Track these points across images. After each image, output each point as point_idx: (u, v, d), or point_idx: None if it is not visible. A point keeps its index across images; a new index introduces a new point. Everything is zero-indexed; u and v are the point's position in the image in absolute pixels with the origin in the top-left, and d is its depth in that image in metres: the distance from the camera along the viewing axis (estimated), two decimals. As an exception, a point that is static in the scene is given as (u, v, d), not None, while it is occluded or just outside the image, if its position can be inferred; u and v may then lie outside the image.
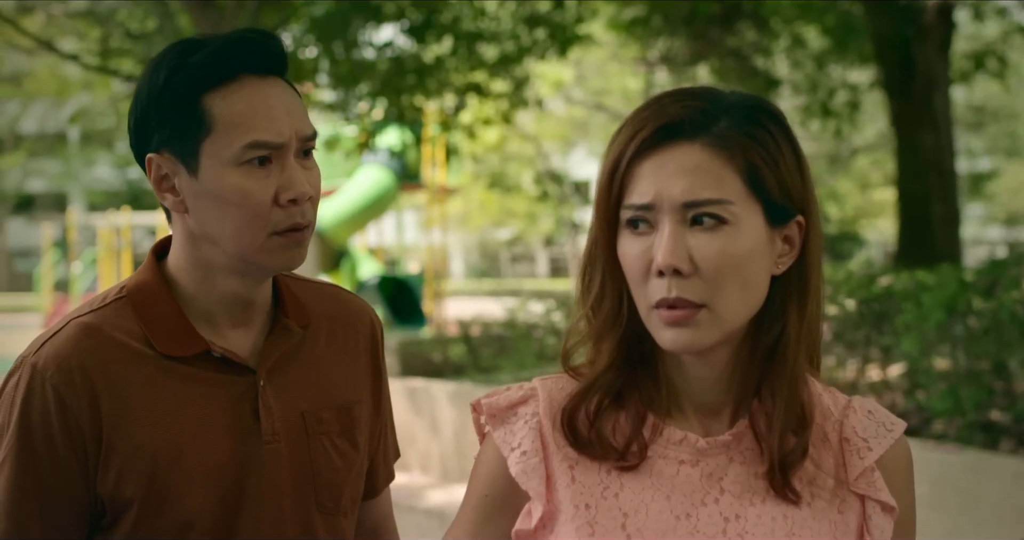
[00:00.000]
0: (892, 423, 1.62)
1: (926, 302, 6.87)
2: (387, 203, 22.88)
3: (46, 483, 1.85)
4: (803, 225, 1.56)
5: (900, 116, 13.58)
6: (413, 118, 15.31)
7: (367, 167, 22.13)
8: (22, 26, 14.54)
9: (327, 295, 2.13)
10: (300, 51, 14.87)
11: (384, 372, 2.18)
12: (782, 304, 1.55)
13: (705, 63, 17.69)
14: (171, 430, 1.88)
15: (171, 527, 1.87)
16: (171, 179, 1.90)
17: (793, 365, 1.55)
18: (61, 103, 33.70)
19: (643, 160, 1.50)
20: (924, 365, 7.16)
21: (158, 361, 1.90)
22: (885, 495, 1.56)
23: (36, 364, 1.86)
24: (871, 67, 15.81)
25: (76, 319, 1.92)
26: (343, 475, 2.02)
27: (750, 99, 1.56)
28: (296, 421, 1.97)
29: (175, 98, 1.85)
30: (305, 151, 1.91)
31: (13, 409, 1.86)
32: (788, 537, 1.51)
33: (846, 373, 8.17)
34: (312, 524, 1.98)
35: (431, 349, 12.16)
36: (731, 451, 1.56)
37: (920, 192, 13.20)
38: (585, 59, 28.45)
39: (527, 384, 1.64)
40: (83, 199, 49.45)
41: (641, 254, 1.50)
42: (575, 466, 1.56)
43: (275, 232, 1.87)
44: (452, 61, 14.51)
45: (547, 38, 14.56)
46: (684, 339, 1.49)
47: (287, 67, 1.93)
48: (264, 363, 1.96)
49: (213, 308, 1.95)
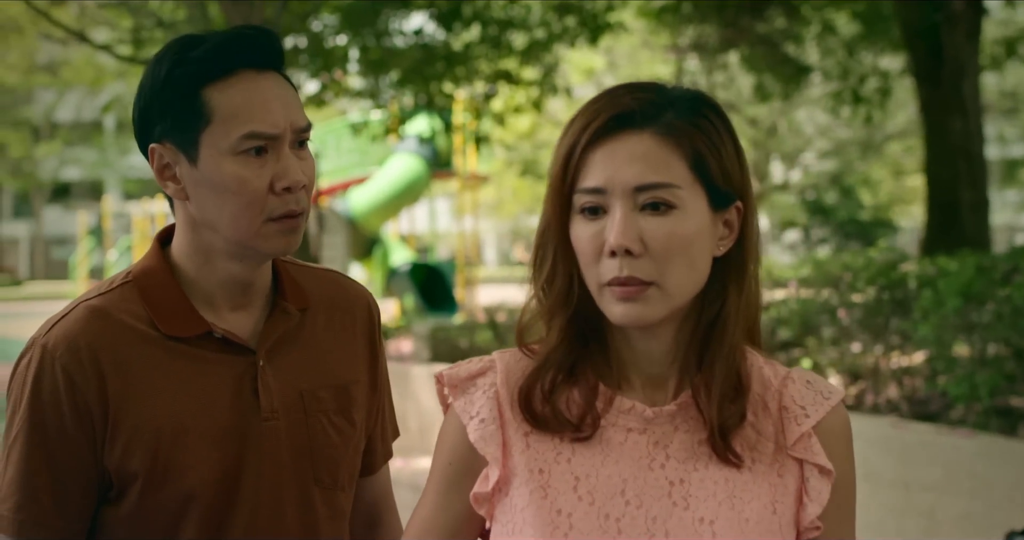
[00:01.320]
0: (830, 392, 1.71)
1: (942, 288, 6.90)
2: (419, 191, 22.95)
3: (56, 457, 1.95)
4: (741, 210, 1.66)
5: (929, 103, 13.54)
6: (443, 105, 15.39)
7: (399, 155, 22.21)
8: (55, 17, 14.69)
9: (327, 280, 2.22)
10: (330, 39, 14.96)
11: (381, 354, 2.27)
12: (722, 284, 1.65)
13: (735, 50, 17.63)
14: (174, 407, 1.97)
15: (174, 499, 1.97)
16: (172, 168, 2.00)
17: (731, 339, 1.65)
18: (96, 92, 33.97)
19: (596, 148, 1.60)
20: (943, 351, 7.20)
21: (162, 342, 2.00)
22: (822, 459, 1.65)
23: (46, 345, 1.97)
24: (902, 53, 15.74)
25: (84, 302, 2.03)
26: (340, 451, 2.11)
27: (693, 92, 1.66)
28: (295, 400, 2.06)
29: (176, 91, 1.95)
30: (300, 142, 2.00)
31: (25, 387, 1.96)
32: (730, 498, 1.61)
33: (869, 359, 8.20)
34: (311, 498, 2.07)
35: (458, 335, 12.25)
36: (676, 420, 1.66)
37: (948, 179, 13.16)
38: (616, 46, 28.44)
39: (487, 357, 1.75)
40: (118, 187, 49.79)
41: (593, 236, 1.60)
42: (530, 434, 1.67)
43: (270, 218, 1.96)
44: (481, 48, 14.57)
45: (577, 26, 14.58)
46: (633, 313, 1.59)
47: (284, 62, 2.03)
48: (263, 344, 2.05)
49: (214, 291, 2.04)
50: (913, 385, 7.99)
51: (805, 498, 1.64)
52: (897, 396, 7.94)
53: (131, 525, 1.99)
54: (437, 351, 11.89)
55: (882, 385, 8.11)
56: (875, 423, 7.09)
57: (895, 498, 6.62)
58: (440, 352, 11.84)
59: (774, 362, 1.74)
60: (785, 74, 16.85)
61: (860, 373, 8.28)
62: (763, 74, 17.12)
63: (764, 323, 8.33)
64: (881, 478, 6.72)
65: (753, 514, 1.61)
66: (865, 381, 8.19)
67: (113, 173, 48.96)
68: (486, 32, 14.38)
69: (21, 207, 58.54)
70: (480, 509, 1.67)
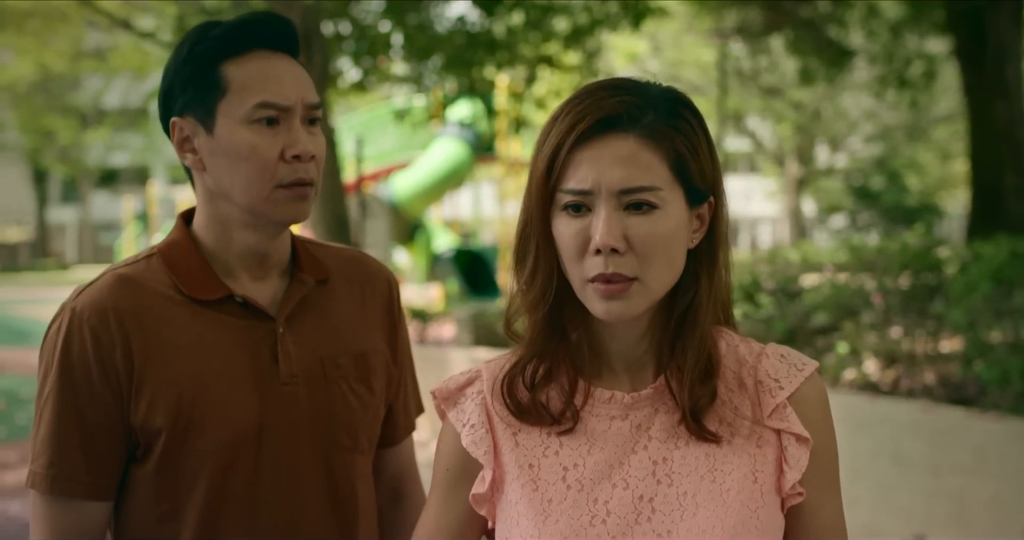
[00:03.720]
0: (803, 363, 1.78)
1: (974, 273, 6.91)
2: (462, 176, 23.01)
3: (85, 415, 2.07)
4: (712, 204, 1.74)
5: (972, 87, 13.48)
6: (485, 90, 15.44)
7: (442, 140, 22.28)
8: (99, 6, 14.84)
9: (346, 257, 2.35)
10: (373, 25, 15.04)
11: (402, 327, 2.38)
12: (695, 273, 1.73)
13: (779, 34, 17.59)
14: (196, 366, 2.09)
15: (195, 457, 2.08)
16: (192, 140, 2.13)
17: (703, 325, 1.73)
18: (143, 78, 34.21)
19: (581, 149, 1.67)
20: (977, 336, 7.21)
21: (186, 305, 2.12)
22: (798, 427, 1.73)
23: (75, 309, 2.09)
24: (947, 37, 15.64)
25: (112, 271, 2.16)
26: (359, 415, 2.23)
27: (670, 92, 1.73)
28: (315, 365, 2.18)
29: (197, 66, 2.10)
30: (311, 120, 2.14)
31: (55, 349, 2.08)
32: (711, 472, 1.69)
33: (905, 344, 8.20)
34: (331, 460, 2.19)
35: (499, 320, 12.30)
36: (655, 403, 1.74)
37: (992, 163, 13.10)
38: (659, 31, 28.40)
39: (474, 368, 1.84)
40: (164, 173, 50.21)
41: (577, 233, 1.67)
42: (518, 433, 1.76)
43: (280, 185, 2.09)
44: (523, 34, 14.60)
45: (619, 10, 14.57)
46: (617, 309, 1.67)
47: (298, 48, 2.17)
48: (282, 311, 2.17)
49: (233, 261, 2.17)
50: (948, 370, 8.00)
51: (784, 466, 1.71)
52: (933, 381, 7.95)
53: (156, 483, 2.09)
54: (478, 335, 11.97)
55: (918, 370, 8.12)
56: (905, 407, 7.11)
57: (925, 481, 6.64)
58: (481, 337, 11.91)
59: (750, 340, 1.81)
60: (829, 57, 16.78)
61: (896, 358, 8.29)
62: (807, 57, 17.06)
63: (798, 308, 8.35)
64: (911, 462, 6.75)
65: (734, 484, 1.68)
66: (901, 366, 8.20)
67: (159, 159, 49.34)
68: (528, 17, 14.41)
69: (69, 193, 59.13)
70: (480, 509, 1.77)
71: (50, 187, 57.98)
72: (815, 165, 38.32)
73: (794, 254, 11.29)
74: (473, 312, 12.52)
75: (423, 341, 12.79)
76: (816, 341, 8.81)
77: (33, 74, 39.13)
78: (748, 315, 9.01)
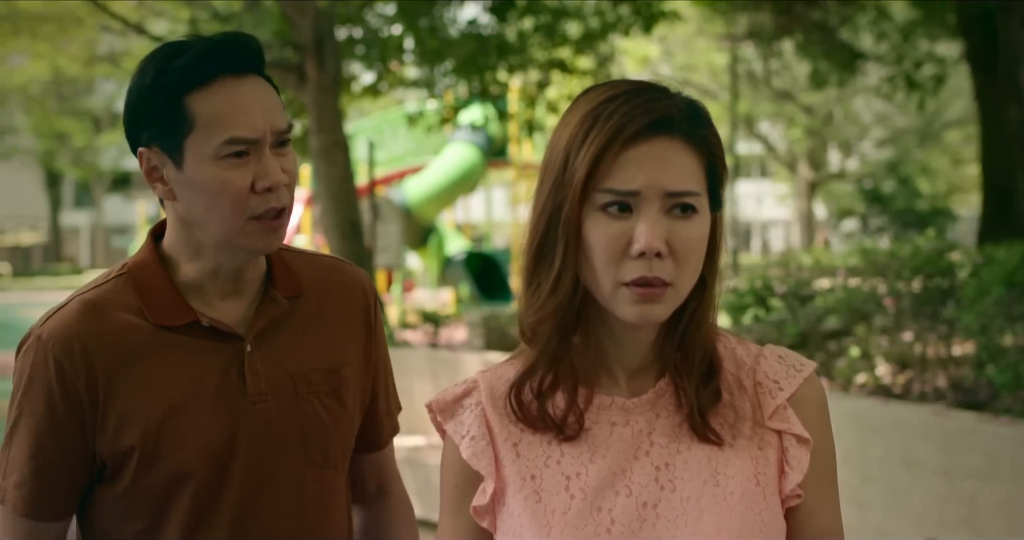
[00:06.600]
0: (801, 364, 1.78)
1: (986, 277, 6.91)
2: (474, 180, 23.03)
3: (48, 440, 2.09)
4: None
5: (984, 90, 13.48)
6: (497, 94, 15.47)
7: (454, 144, 22.29)
8: (112, 10, 14.89)
9: (323, 266, 2.33)
10: (385, 29, 15.09)
11: (378, 334, 2.38)
12: (702, 277, 1.74)
13: (790, 37, 17.59)
14: (164, 392, 2.10)
15: (166, 477, 2.10)
16: (160, 170, 2.12)
17: (709, 325, 1.75)
18: (156, 82, 34.19)
19: (628, 149, 1.66)
20: (989, 340, 7.21)
21: (152, 331, 2.12)
22: (798, 428, 1.73)
23: (40, 336, 2.10)
24: (958, 40, 15.63)
25: (80, 296, 2.16)
26: (331, 431, 2.23)
27: (695, 101, 1.73)
28: (286, 382, 2.18)
29: (160, 100, 2.07)
30: (281, 142, 2.12)
31: (23, 375, 2.11)
32: (713, 476, 1.70)
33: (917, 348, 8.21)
34: (302, 476, 2.19)
35: (511, 324, 12.33)
36: (656, 407, 1.74)
37: (1004, 167, 13.11)
38: (670, 35, 28.41)
39: (470, 378, 1.83)
40: (178, 177, 50.11)
41: (618, 235, 1.65)
42: (519, 443, 1.75)
43: (253, 217, 2.08)
44: (535, 38, 14.63)
45: (631, 14, 14.61)
46: (650, 313, 1.66)
47: (264, 64, 2.14)
48: (251, 331, 2.17)
49: (205, 281, 2.16)
50: (960, 374, 8.00)
51: (786, 467, 1.72)
52: (945, 385, 7.95)
53: (126, 502, 2.12)
54: (490, 339, 11.99)
55: (930, 374, 8.13)
56: (917, 411, 7.11)
57: (936, 485, 6.65)
58: (492, 340, 11.93)
59: (747, 342, 1.82)
60: (840, 61, 16.77)
61: (908, 362, 8.29)
62: (818, 61, 17.06)
63: (810, 312, 8.35)
64: (923, 465, 6.75)
65: (737, 488, 1.69)
66: (913, 370, 8.21)
67: (173, 163, 49.35)
68: (539, 22, 14.44)
69: (82, 197, 59.24)
70: (482, 521, 1.76)
71: (64, 191, 58.06)
72: (827, 169, 38.30)
73: (807, 258, 11.29)
74: (485, 316, 12.54)
75: (435, 345, 12.82)
76: (828, 345, 8.81)
77: (47, 78, 39.20)
78: (760, 319, 9.02)
